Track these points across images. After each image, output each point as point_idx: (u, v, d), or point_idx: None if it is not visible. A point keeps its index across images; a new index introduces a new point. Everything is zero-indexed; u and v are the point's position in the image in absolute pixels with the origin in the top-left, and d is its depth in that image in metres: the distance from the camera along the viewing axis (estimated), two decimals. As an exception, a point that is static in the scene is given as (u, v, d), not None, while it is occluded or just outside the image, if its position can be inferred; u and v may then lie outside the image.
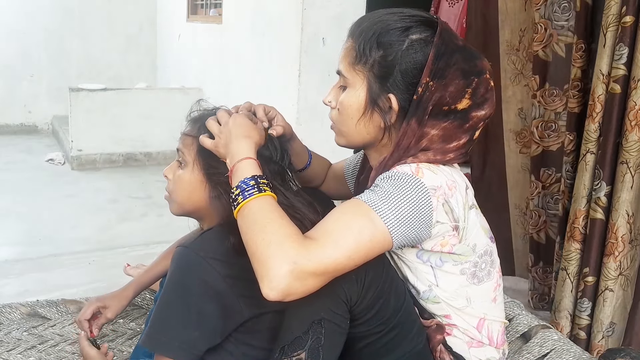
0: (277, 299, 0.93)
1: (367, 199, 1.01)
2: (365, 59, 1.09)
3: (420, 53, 1.06)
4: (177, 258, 1.08)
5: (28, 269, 2.55)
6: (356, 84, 1.11)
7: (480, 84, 1.07)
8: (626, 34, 1.67)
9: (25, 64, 5.93)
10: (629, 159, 1.71)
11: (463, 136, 1.09)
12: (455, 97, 1.06)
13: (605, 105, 1.76)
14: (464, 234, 1.08)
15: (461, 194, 1.07)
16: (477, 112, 1.08)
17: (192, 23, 5.37)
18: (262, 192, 1.02)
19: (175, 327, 1.06)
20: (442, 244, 1.07)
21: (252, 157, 1.06)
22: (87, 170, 4.65)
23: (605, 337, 1.84)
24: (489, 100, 1.09)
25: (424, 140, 1.08)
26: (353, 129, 1.13)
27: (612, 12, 1.71)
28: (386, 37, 1.07)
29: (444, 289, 1.12)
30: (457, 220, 1.06)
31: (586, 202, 1.84)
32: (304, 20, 3.05)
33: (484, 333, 1.16)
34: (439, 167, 1.07)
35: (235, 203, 1.02)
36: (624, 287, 1.81)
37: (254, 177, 1.03)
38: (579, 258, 1.88)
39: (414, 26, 1.08)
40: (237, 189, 1.02)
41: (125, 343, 1.61)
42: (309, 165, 1.39)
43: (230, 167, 1.06)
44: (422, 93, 1.05)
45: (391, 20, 1.09)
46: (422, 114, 1.06)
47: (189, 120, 1.22)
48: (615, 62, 1.71)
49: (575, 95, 1.93)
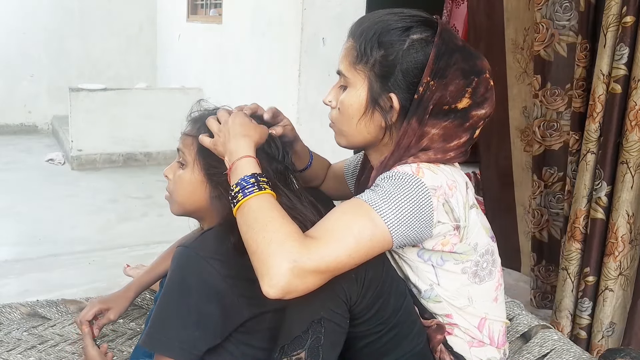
0: (277, 296, 0.93)
1: (367, 198, 1.02)
2: (367, 59, 1.09)
3: (421, 53, 1.06)
4: (178, 258, 1.08)
5: (28, 269, 2.55)
6: (357, 84, 1.11)
7: (480, 84, 1.08)
8: (627, 34, 1.67)
9: (25, 64, 5.93)
10: (629, 159, 1.71)
11: (463, 135, 1.10)
12: (455, 96, 1.06)
13: (605, 105, 1.76)
14: (465, 233, 1.08)
15: (461, 193, 1.07)
16: (477, 111, 1.09)
17: (192, 23, 5.37)
18: (262, 190, 1.02)
19: (175, 327, 1.06)
20: (443, 243, 1.07)
21: (252, 155, 1.07)
22: (87, 170, 4.65)
23: (605, 337, 1.84)
24: (489, 100, 1.10)
25: (425, 140, 1.08)
26: (354, 129, 1.14)
27: (612, 12, 1.71)
28: (387, 36, 1.08)
29: (445, 288, 1.12)
30: (458, 219, 1.06)
31: (587, 202, 1.84)
32: (304, 20, 3.05)
33: (485, 333, 1.16)
34: (439, 167, 1.07)
35: (235, 200, 1.03)
36: (623, 287, 1.81)
37: (253, 175, 1.03)
38: (580, 258, 1.88)
39: (415, 26, 1.08)
40: (237, 186, 1.02)
41: (125, 343, 1.61)
42: (310, 166, 1.40)
43: (229, 165, 1.07)
44: (423, 92, 1.06)
45: (392, 20, 1.09)
46: (422, 113, 1.07)
47: (189, 120, 1.23)
48: (616, 62, 1.71)
49: (580, 95, 1.93)
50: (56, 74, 5.98)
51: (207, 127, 1.15)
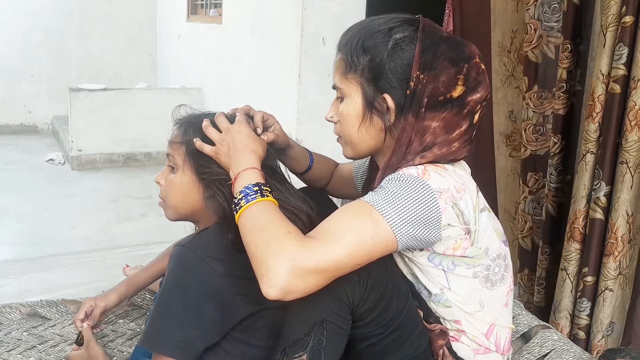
0: (277, 297, 0.93)
1: (370, 199, 1.02)
2: (355, 67, 1.11)
3: (407, 50, 1.08)
4: (175, 257, 1.08)
5: (28, 269, 2.55)
6: (351, 92, 1.13)
7: (470, 69, 1.09)
8: (626, 34, 1.67)
9: (25, 64, 5.94)
10: (629, 159, 1.70)
11: (463, 123, 1.10)
12: (448, 85, 1.07)
13: (605, 105, 1.76)
14: (476, 237, 1.08)
15: (471, 196, 1.07)
16: (472, 96, 1.09)
17: (192, 23, 5.37)
18: (264, 197, 1.04)
19: (173, 326, 1.06)
20: (455, 247, 1.07)
21: (258, 167, 1.09)
22: (87, 170, 4.65)
23: (605, 337, 1.83)
24: (482, 83, 1.11)
25: (428, 135, 1.09)
26: (356, 137, 1.15)
27: (611, 12, 1.71)
28: (371, 41, 1.10)
29: (456, 293, 1.11)
30: (468, 223, 1.05)
31: (586, 202, 1.83)
32: (304, 20, 3.05)
33: (492, 340, 1.16)
34: (446, 170, 1.07)
35: (237, 207, 1.04)
36: (622, 287, 1.81)
37: (257, 184, 1.05)
38: (579, 258, 1.87)
39: (397, 26, 1.10)
40: (241, 193, 1.04)
41: (125, 343, 1.61)
42: (310, 169, 1.41)
43: (235, 175, 1.08)
44: (414, 87, 1.07)
45: (374, 25, 1.12)
46: (417, 107, 1.07)
47: (174, 126, 1.23)
48: (615, 62, 1.70)
49: (560, 97, 1.91)
50: (56, 74, 5.99)
51: (197, 131, 1.15)
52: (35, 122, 6.09)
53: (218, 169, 1.13)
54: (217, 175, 1.13)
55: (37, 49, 5.96)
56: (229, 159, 1.10)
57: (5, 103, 5.92)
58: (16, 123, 6.02)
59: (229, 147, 1.10)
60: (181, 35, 5.62)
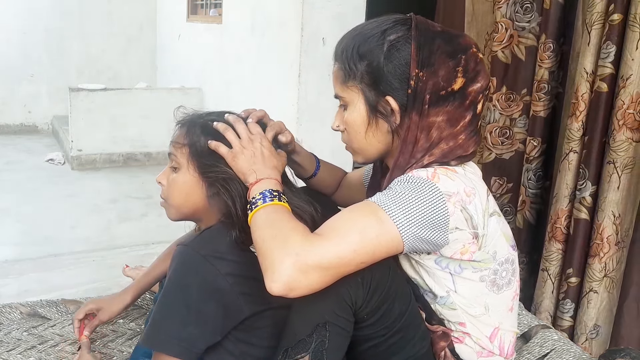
0: (281, 292, 0.93)
1: (376, 199, 1.02)
2: (354, 74, 1.11)
3: (402, 50, 1.08)
4: (177, 257, 1.09)
5: (28, 269, 2.55)
6: (354, 100, 1.13)
7: (469, 60, 1.09)
8: (614, 32, 1.64)
9: (25, 64, 5.93)
10: (616, 159, 1.67)
11: (466, 114, 1.10)
12: (448, 79, 1.07)
13: (590, 104, 1.72)
14: (484, 241, 1.08)
15: (481, 200, 1.07)
16: (473, 87, 1.09)
17: (192, 23, 5.37)
18: (281, 202, 1.06)
19: (174, 325, 1.06)
20: (462, 251, 1.07)
21: (279, 179, 1.11)
22: (87, 170, 4.65)
23: (589, 340, 1.80)
24: (482, 72, 1.11)
25: (433, 130, 1.09)
26: (364, 143, 1.16)
27: (596, 10, 1.67)
28: (365, 46, 1.10)
29: (462, 296, 1.11)
30: (476, 227, 1.05)
31: (569, 202, 1.80)
32: (304, 20, 3.04)
33: (496, 343, 1.16)
34: (456, 174, 1.07)
35: (254, 206, 1.05)
36: (609, 290, 1.77)
37: (277, 191, 1.07)
38: (561, 258, 1.84)
39: (389, 28, 1.10)
40: (260, 194, 1.06)
41: (125, 343, 1.61)
42: (316, 175, 1.41)
43: (257, 179, 1.09)
44: (415, 85, 1.07)
45: (367, 30, 1.12)
46: (420, 105, 1.08)
47: (176, 126, 1.23)
48: (602, 61, 1.67)
49: (541, 98, 1.87)
50: (56, 74, 5.98)
51: (204, 131, 1.16)
52: (35, 122, 6.08)
53: (225, 168, 1.13)
54: (223, 173, 1.13)
55: (37, 48, 5.95)
56: (250, 165, 1.11)
57: (5, 103, 5.92)
58: (16, 123, 6.02)
59: (253, 153, 1.12)
60: (181, 35, 5.62)
